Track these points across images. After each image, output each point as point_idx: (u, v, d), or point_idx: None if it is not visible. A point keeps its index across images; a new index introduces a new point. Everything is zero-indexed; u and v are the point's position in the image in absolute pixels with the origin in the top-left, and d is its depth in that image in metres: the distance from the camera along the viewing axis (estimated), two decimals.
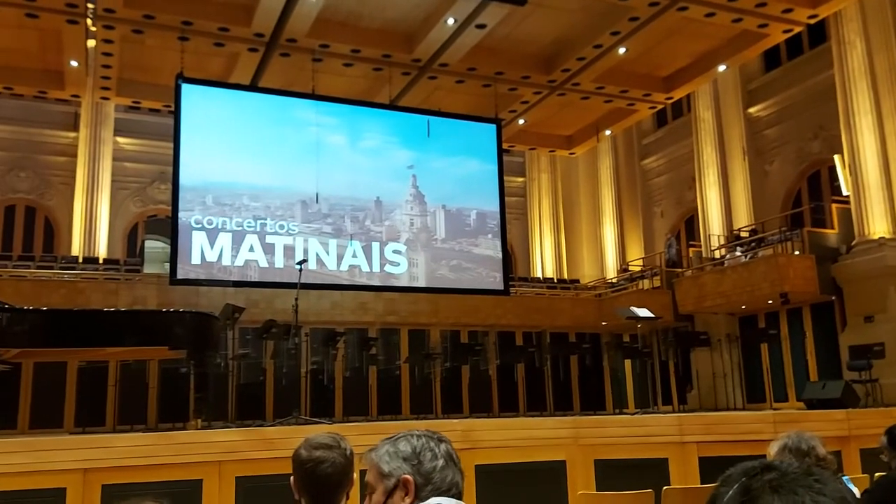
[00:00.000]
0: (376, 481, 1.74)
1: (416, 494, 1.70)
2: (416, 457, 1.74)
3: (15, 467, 4.71)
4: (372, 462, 1.76)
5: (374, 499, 1.74)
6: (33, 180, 19.34)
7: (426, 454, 1.75)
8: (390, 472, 1.73)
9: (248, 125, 14.63)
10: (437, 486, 1.72)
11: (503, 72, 15.96)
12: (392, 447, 1.77)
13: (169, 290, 13.64)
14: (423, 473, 1.72)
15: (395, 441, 1.78)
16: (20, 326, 6.19)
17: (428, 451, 1.75)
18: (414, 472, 1.72)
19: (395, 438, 1.79)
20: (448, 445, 1.80)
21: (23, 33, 13.97)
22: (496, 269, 15.94)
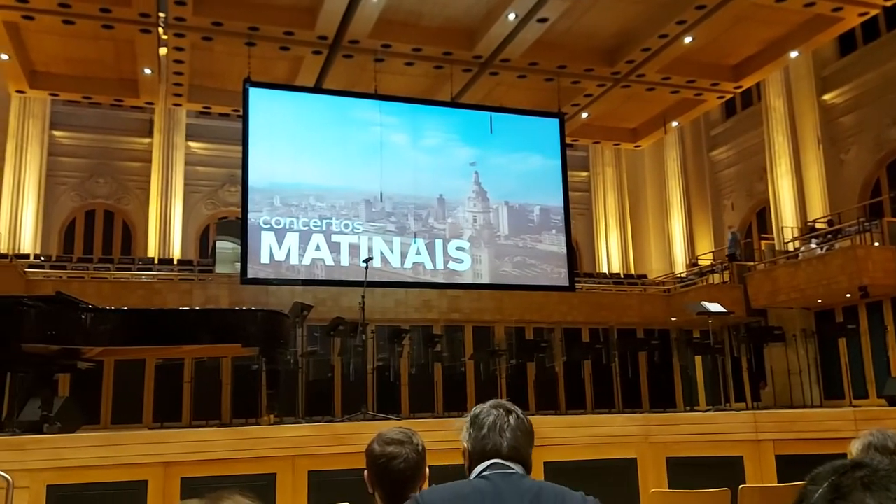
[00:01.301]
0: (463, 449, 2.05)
1: (470, 461, 2.00)
2: (469, 426, 2.03)
3: (100, 460, 4.92)
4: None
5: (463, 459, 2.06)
6: (111, 186, 20.14)
7: (483, 425, 2.01)
8: (461, 440, 2.02)
9: (312, 127, 14.89)
10: (484, 454, 1.98)
11: (566, 65, 15.80)
12: (469, 420, 2.05)
13: (240, 289, 14.01)
14: (475, 444, 1.98)
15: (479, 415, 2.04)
16: (103, 326, 6.46)
17: (476, 419, 2.02)
18: (469, 441, 2.01)
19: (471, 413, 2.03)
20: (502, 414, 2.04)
21: (99, 44, 14.56)
22: (561, 265, 15.80)
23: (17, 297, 7.07)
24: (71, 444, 5.04)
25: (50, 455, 4.88)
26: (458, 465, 5.11)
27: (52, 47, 14.76)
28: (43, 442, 5.09)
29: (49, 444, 5.03)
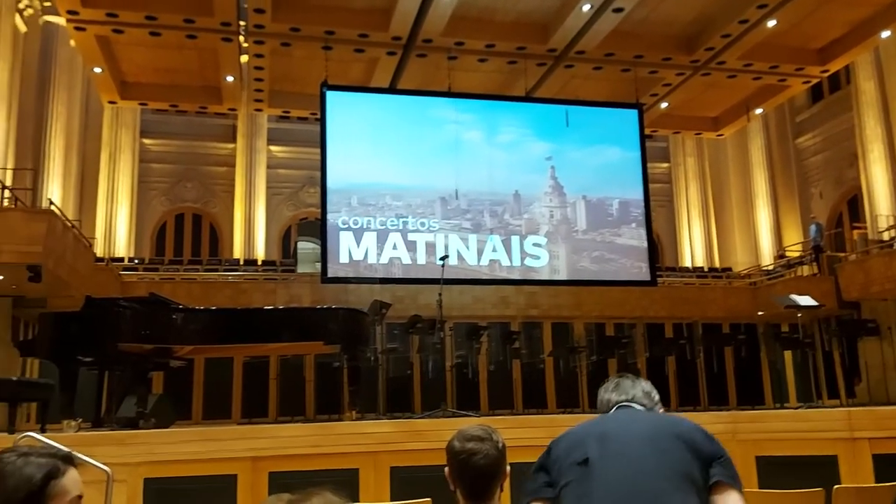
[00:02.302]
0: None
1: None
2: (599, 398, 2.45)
3: (192, 455, 5.12)
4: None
5: None
6: (199, 190, 20.93)
7: (605, 389, 2.45)
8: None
9: (388, 127, 15.07)
10: (609, 404, 2.40)
11: (643, 55, 15.46)
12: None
13: (321, 288, 14.33)
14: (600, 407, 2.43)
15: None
16: (193, 325, 6.72)
17: (607, 385, 2.45)
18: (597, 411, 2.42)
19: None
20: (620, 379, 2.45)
21: (184, 53, 15.14)
22: (641, 260, 15.48)
23: (114, 298, 7.44)
24: (165, 440, 5.27)
25: (146, 449, 5.10)
26: None
27: (141, 58, 15.43)
28: (139, 437, 5.33)
29: (145, 439, 5.27)
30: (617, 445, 2.07)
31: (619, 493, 1.97)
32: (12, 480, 1.44)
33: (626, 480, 1.99)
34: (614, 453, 2.05)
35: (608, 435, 2.11)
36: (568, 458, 2.09)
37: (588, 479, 2.01)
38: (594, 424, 2.22)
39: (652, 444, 2.07)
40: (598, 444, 2.08)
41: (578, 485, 2.02)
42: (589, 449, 2.07)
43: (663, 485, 1.98)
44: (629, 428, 2.16)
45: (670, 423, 2.19)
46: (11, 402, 6.98)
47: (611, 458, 2.04)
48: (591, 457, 2.04)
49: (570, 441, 2.16)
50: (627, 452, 2.05)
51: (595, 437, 2.12)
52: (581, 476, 2.03)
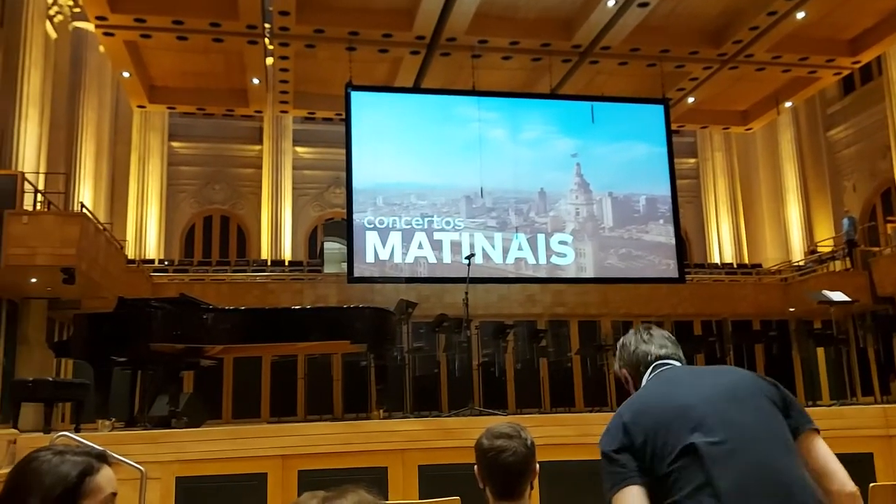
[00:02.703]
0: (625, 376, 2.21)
1: (635, 381, 2.15)
2: (624, 350, 2.20)
3: (223, 453, 5.18)
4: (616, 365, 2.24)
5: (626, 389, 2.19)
6: (226, 192, 21.15)
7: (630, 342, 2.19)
8: (620, 368, 2.20)
9: (412, 126, 15.10)
10: (647, 361, 2.14)
11: (669, 49, 15.32)
12: (618, 347, 2.22)
13: (347, 287, 14.40)
14: (633, 363, 2.16)
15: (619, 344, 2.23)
16: (223, 325, 6.80)
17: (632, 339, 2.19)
18: (625, 364, 2.18)
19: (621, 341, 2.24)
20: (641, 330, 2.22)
21: (211, 57, 15.30)
22: (669, 256, 15.34)
23: (146, 299, 7.55)
24: (197, 438, 5.34)
25: (178, 448, 5.17)
26: (568, 460, 5.05)
27: (168, 63, 15.63)
28: (172, 436, 5.41)
29: (177, 437, 5.34)
30: (713, 419, 1.83)
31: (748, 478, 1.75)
32: (48, 478, 1.46)
33: (747, 461, 1.78)
34: (717, 428, 1.81)
35: (694, 407, 1.86)
36: (658, 440, 1.83)
37: (700, 464, 1.77)
38: (665, 394, 1.95)
39: (745, 409, 1.85)
40: (690, 419, 1.84)
41: (689, 472, 1.78)
42: (682, 428, 1.83)
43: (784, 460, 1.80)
44: (710, 395, 1.89)
45: (739, 379, 1.96)
46: (47, 402, 7.12)
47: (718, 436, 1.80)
48: (695, 442, 1.79)
49: (651, 418, 1.88)
50: (730, 425, 1.82)
51: (677, 410, 1.87)
52: (689, 463, 1.78)
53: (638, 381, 2.12)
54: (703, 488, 1.75)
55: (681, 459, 1.80)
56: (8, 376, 11.09)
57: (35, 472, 1.48)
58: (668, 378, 2.06)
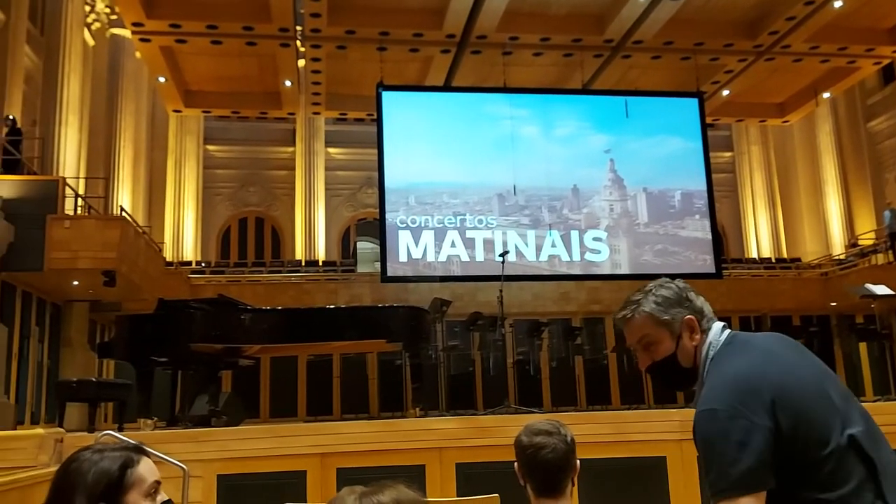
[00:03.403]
0: (658, 332, 1.81)
1: (700, 329, 1.81)
2: (685, 299, 1.83)
3: (263, 451, 5.24)
4: (644, 316, 1.82)
5: (660, 349, 1.81)
6: (261, 194, 21.39)
7: (688, 293, 1.85)
8: (672, 318, 1.80)
9: (444, 125, 15.11)
10: (708, 315, 1.82)
11: (703, 42, 15.11)
12: (656, 298, 1.84)
13: (381, 287, 14.47)
14: (697, 310, 1.82)
15: (653, 293, 1.85)
16: (261, 325, 6.88)
17: (689, 291, 1.86)
18: (690, 311, 1.81)
19: (648, 291, 1.87)
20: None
21: (244, 61, 15.49)
22: (706, 252, 15.14)
23: (185, 300, 7.67)
24: (237, 437, 5.41)
25: (218, 447, 5.24)
26: (605, 458, 5.01)
27: (203, 67, 15.86)
28: (212, 434, 5.48)
29: (217, 436, 5.42)
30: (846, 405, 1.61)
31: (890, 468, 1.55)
32: (91, 475, 1.50)
33: (885, 452, 1.58)
34: (855, 417, 1.60)
35: (827, 389, 1.63)
36: (808, 427, 1.54)
37: (859, 458, 1.54)
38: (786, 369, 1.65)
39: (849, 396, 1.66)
40: (833, 405, 1.59)
41: (848, 466, 1.53)
42: (829, 414, 1.57)
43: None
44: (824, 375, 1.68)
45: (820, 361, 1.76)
46: (91, 402, 7.27)
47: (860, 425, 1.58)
48: (854, 433, 1.55)
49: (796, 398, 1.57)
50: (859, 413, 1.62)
51: (817, 391, 1.61)
52: (847, 455, 1.53)
53: (702, 336, 1.79)
54: (866, 483, 1.53)
55: (838, 452, 1.54)
56: (52, 377, 11.36)
57: (77, 471, 1.52)
58: (765, 349, 1.72)
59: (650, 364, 1.83)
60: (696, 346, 1.78)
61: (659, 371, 1.83)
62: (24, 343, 10.88)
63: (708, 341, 1.77)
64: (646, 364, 1.84)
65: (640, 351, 1.84)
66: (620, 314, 1.88)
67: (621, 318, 1.88)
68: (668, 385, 1.86)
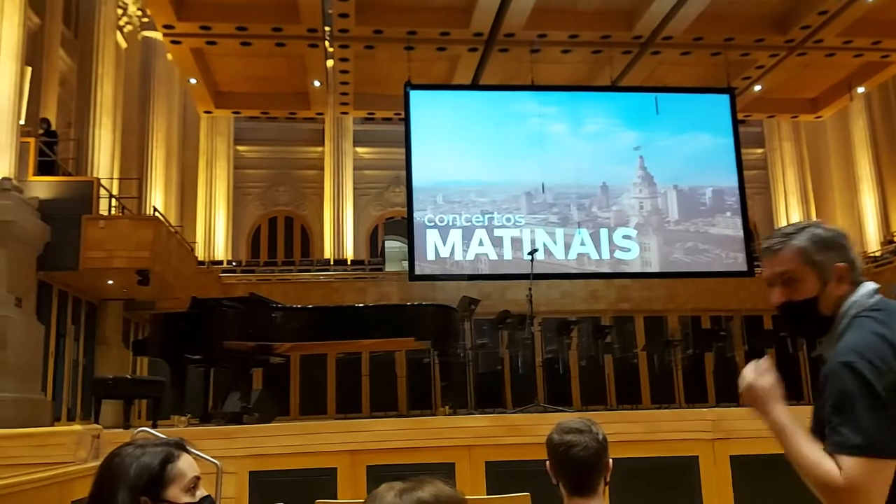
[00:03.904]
0: (804, 271, 1.69)
1: (848, 280, 1.68)
2: (840, 246, 1.70)
3: (294, 448, 5.29)
4: (795, 251, 1.69)
5: (802, 289, 1.69)
6: (290, 193, 21.59)
7: (844, 241, 1.71)
8: (824, 261, 1.68)
9: (471, 123, 15.10)
10: (858, 270, 1.69)
11: (733, 37, 14.92)
12: (812, 236, 1.70)
13: (409, 285, 14.52)
14: (849, 259, 1.69)
15: (810, 230, 1.72)
16: (292, 323, 6.96)
17: (845, 239, 1.71)
18: (844, 259, 1.68)
19: (804, 227, 1.73)
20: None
21: (273, 62, 15.63)
22: (737, 250, 14.94)
23: (218, 299, 7.77)
24: (268, 434, 5.47)
25: (251, 443, 5.31)
26: (636, 458, 4.98)
27: (233, 68, 16.03)
28: (245, 431, 5.56)
29: (249, 433, 5.48)
30: None
31: None
32: (133, 470, 1.54)
33: None
34: None
35: None
36: None
37: None
38: None
39: None
40: None
41: None
42: None
43: None
44: None
45: None
46: (127, 399, 7.40)
47: None
48: None
49: None
50: None
51: None
52: None
53: (849, 289, 1.68)
54: None
55: None
56: (88, 375, 11.58)
57: (120, 465, 1.56)
58: None
59: (785, 302, 1.72)
60: (840, 296, 1.67)
61: (792, 311, 1.73)
62: (61, 341, 11.10)
63: (853, 299, 1.66)
64: (780, 300, 1.73)
65: (777, 286, 1.73)
66: (768, 243, 1.75)
67: (768, 248, 1.75)
68: (796, 329, 1.78)
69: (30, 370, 9.09)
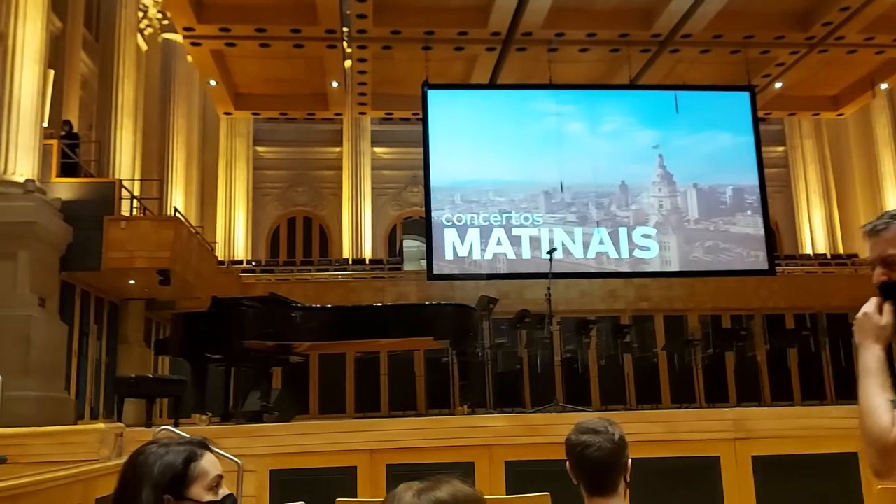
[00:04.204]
0: None
1: None
2: None
3: (314, 447, 5.32)
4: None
5: None
6: (309, 194, 21.70)
7: None
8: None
9: (489, 123, 15.09)
10: None
11: (753, 35, 14.79)
12: None
13: (427, 285, 14.52)
14: None
15: None
16: (311, 322, 6.99)
17: None
18: None
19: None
20: None
21: (292, 63, 15.71)
22: (758, 248, 14.82)
23: (238, 298, 7.83)
24: (288, 432, 5.50)
25: (271, 442, 5.34)
26: (656, 458, 4.96)
27: (252, 70, 16.13)
28: (265, 430, 5.59)
29: (270, 431, 5.52)
30: None
31: None
32: (157, 468, 1.56)
33: None
34: None
35: None
36: None
37: None
38: None
39: None
40: None
41: None
42: None
43: None
44: None
45: None
46: (149, 397, 7.48)
47: None
48: None
49: None
50: None
51: None
52: None
53: None
54: None
55: None
56: (110, 373, 11.71)
57: (144, 463, 1.58)
58: None
59: (885, 282, 1.71)
60: None
61: (892, 291, 1.70)
62: (84, 340, 11.23)
63: None
64: (880, 280, 1.73)
65: (879, 266, 1.72)
66: (872, 224, 1.75)
67: (872, 229, 1.74)
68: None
69: (53, 369, 9.21)
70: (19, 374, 7.83)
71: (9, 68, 9.22)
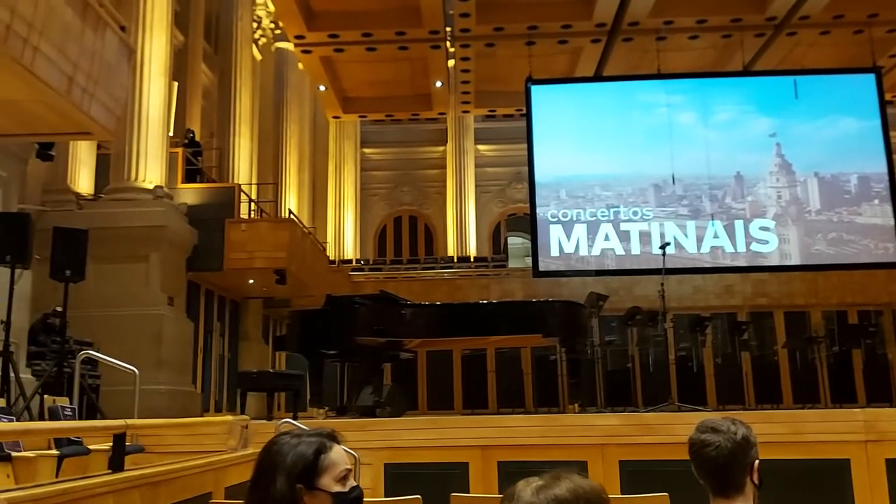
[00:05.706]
0: None
1: None
2: None
3: (427, 442, 5.43)
4: None
5: None
6: (414, 193, 22.06)
7: None
8: None
9: (594, 116, 14.83)
10: None
11: (877, 13, 13.83)
12: None
13: (533, 282, 14.45)
14: None
15: None
16: (421, 319, 7.13)
17: None
18: None
19: None
20: None
21: (397, 65, 16.00)
22: (888, 239, 13.86)
23: (350, 296, 8.07)
24: (401, 427, 5.64)
25: (385, 436, 5.49)
26: (779, 459, 4.76)
27: (359, 74, 16.54)
28: (379, 424, 5.75)
29: (383, 426, 5.67)
30: None
31: None
32: (290, 458, 1.64)
33: None
34: None
35: None
36: None
37: None
38: None
39: None
40: None
41: None
42: None
43: None
44: None
45: None
46: (269, 391, 7.83)
47: None
48: None
49: None
50: None
51: None
52: None
53: None
54: None
55: None
56: (232, 369, 12.33)
57: (278, 453, 1.66)
58: None
59: None
60: None
61: None
62: (208, 337, 11.87)
63: None
64: None
65: None
66: None
67: None
68: None
69: (182, 364, 9.81)
70: (152, 369, 8.38)
71: (139, 82, 9.87)
